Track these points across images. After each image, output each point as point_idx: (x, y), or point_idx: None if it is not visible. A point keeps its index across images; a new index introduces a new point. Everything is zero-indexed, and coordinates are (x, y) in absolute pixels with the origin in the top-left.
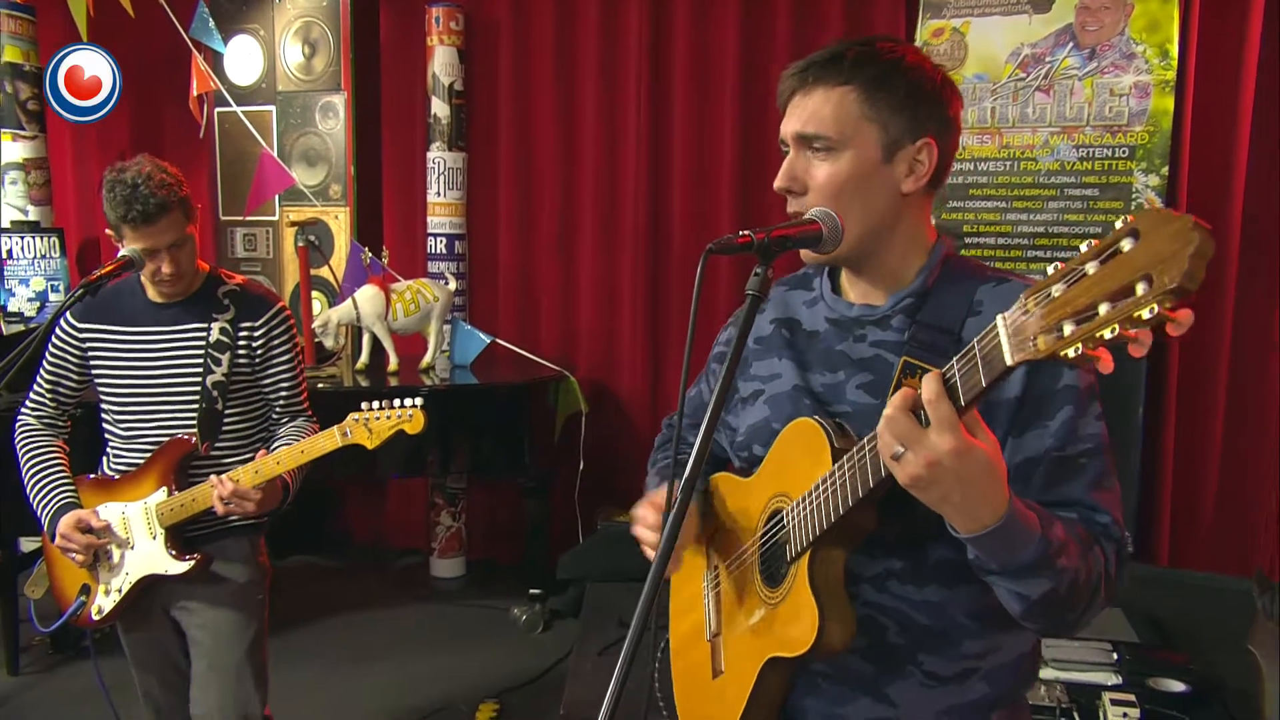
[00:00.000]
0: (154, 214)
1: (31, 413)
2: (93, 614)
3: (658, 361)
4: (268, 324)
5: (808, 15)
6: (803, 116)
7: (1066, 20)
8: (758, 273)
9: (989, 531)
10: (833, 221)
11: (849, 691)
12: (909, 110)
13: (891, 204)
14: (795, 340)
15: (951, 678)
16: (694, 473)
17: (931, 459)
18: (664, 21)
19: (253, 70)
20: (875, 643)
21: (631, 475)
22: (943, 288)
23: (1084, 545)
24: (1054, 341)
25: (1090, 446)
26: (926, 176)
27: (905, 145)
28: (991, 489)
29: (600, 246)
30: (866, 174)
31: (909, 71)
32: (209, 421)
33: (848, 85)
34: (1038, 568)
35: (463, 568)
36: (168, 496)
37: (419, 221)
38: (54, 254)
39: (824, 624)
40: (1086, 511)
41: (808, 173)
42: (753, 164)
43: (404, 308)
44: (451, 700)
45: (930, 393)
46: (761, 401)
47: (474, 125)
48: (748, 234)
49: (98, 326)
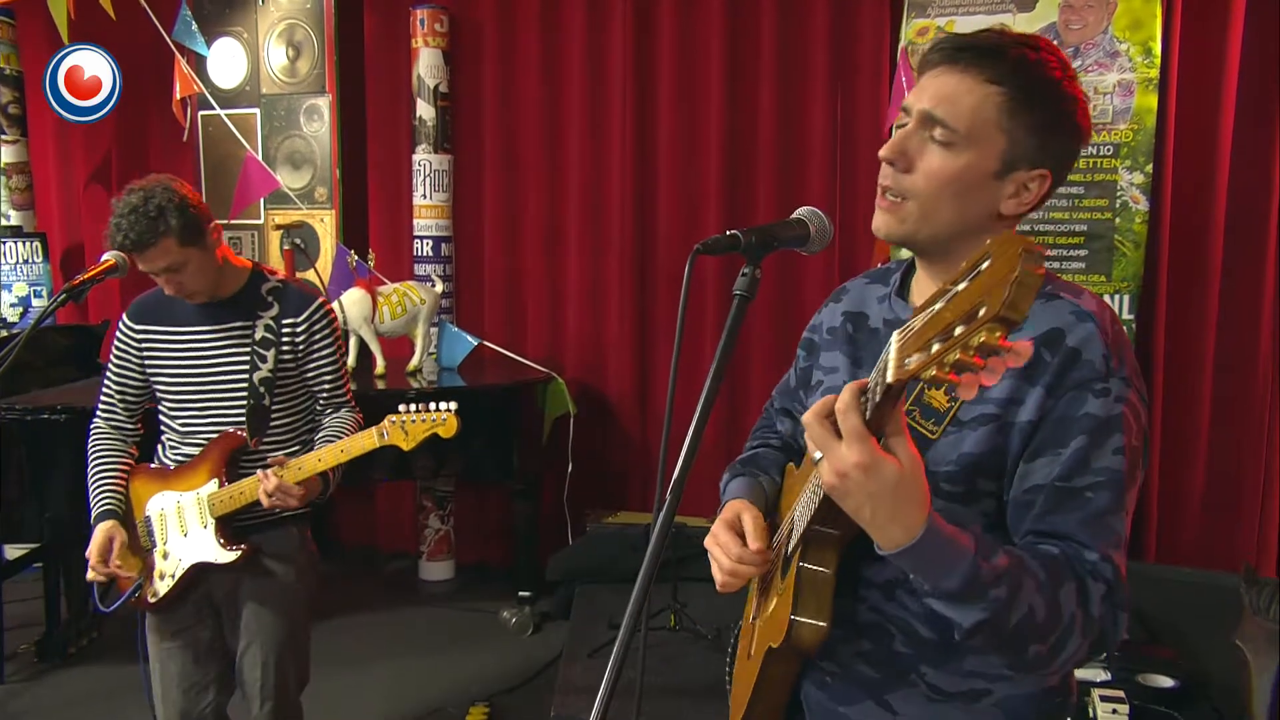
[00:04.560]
0: (137, 245)
1: (102, 416)
2: (149, 597)
3: (645, 363)
4: (309, 319)
5: (792, 14)
6: (938, 95)
7: (1050, 19)
8: (745, 273)
9: (903, 550)
10: (821, 222)
11: (855, 692)
12: (1042, 136)
13: (985, 219)
14: (856, 335)
15: (957, 695)
16: (681, 475)
17: (840, 469)
18: (649, 22)
19: (236, 73)
20: (881, 649)
21: (620, 477)
22: None
23: (1051, 582)
24: (919, 362)
25: (1099, 480)
26: (1030, 205)
27: (1022, 168)
28: (903, 508)
29: (587, 248)
30: (975, 181)
31: (1060, 99)
32: (257, 416)
33: (997, 85)
34: (965, 596)
35: (452, 570)
36: (219, 488)
37: (405, 224)
38: (37, 259)
39: (794, 620)
40: (1075, 547)
41: (919, 152)
42: (739, 165)
43: (390, 310)
44: (441, 703)
45: (841, 403)
46: (820, 393)
47: (459, 127)
48: (735, 234)
49: (152, 327)
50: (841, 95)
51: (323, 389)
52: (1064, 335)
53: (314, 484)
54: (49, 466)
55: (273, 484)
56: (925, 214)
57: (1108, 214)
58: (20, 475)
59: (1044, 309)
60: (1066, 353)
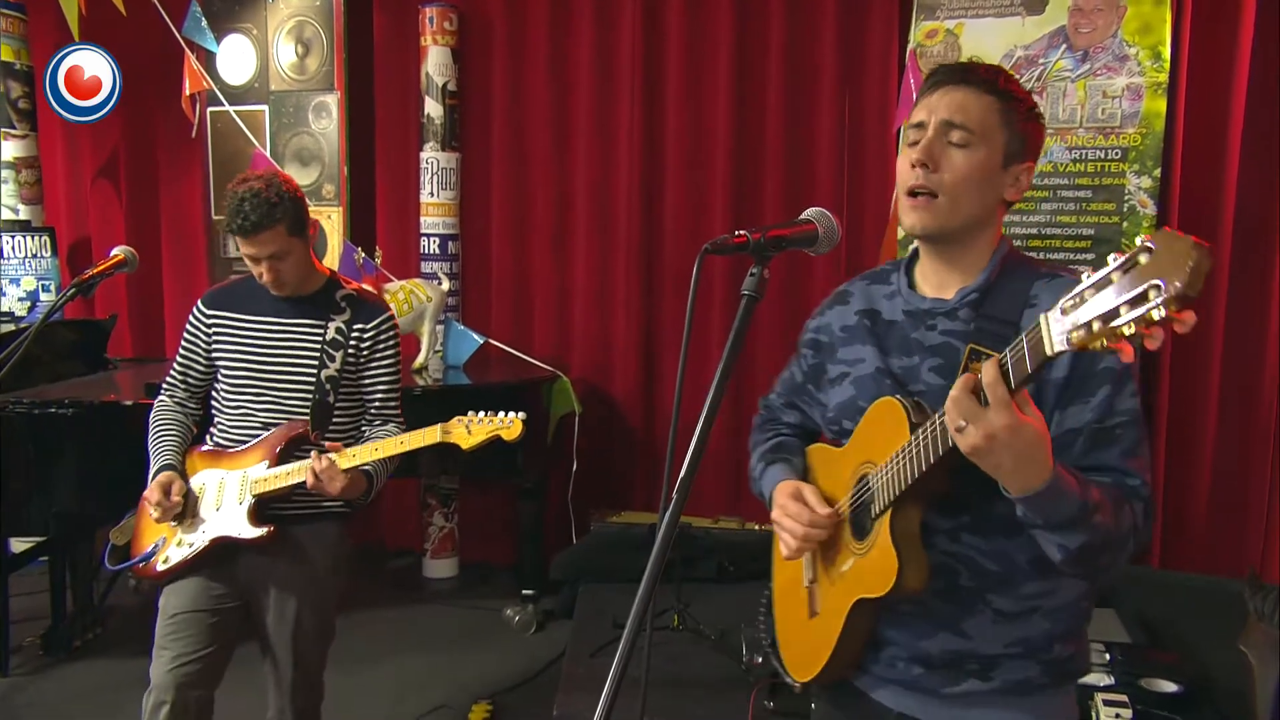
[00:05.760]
0: (252, 229)
1: (166, 394)
2: (159, 564)
3: (651, 362)
4: (377, 328)
5: (801, 14)
6: (952, 106)
7: (1060, 22)
8: (753, 273)
9: (1035, 493)
10: (829, 223)
11: (930, 627)
12: (1027, 137)
13: (994, 204)
14: (876, 328)
15: (1018, 614)
16: (688, 475)
17: (989, 432)
18: (657, 21)
19: (246, 70)
20: (950, 585)
21: (625, 476)
22: (1002, 283)
23: (1116, 505)
24: (1085, 336)
25: (1125, 419)
26: (1023, 191)
27: (1017, 161)
28: (1038, 458)
29: (594, 247)
30: (989, 172)
31: (1034, 113)
32: (321, 412)
33: (992, 96)
34: (1075, 523)
35: (456, 568)
36: (266, 469)
37: (412, 222)
38: (45, 253)
39: (902, 569)
40: (1119, 475)
41: (943, 154)
42: (747, 163)
43: (397, 308)
44: (444, 701)
45: (989, 377)
46: (848, 383)
47: (467, 125)
48: (744, 234)
49: (225, 314)
50: (850, 96)
51: (375, 398)
52: None
53: (359, 482)
54: (55, 461)
55: (325, 464)
56: (954, 206)
57: (1115, 218)
58: (27, 469)
59: (1049, 287)
60: None
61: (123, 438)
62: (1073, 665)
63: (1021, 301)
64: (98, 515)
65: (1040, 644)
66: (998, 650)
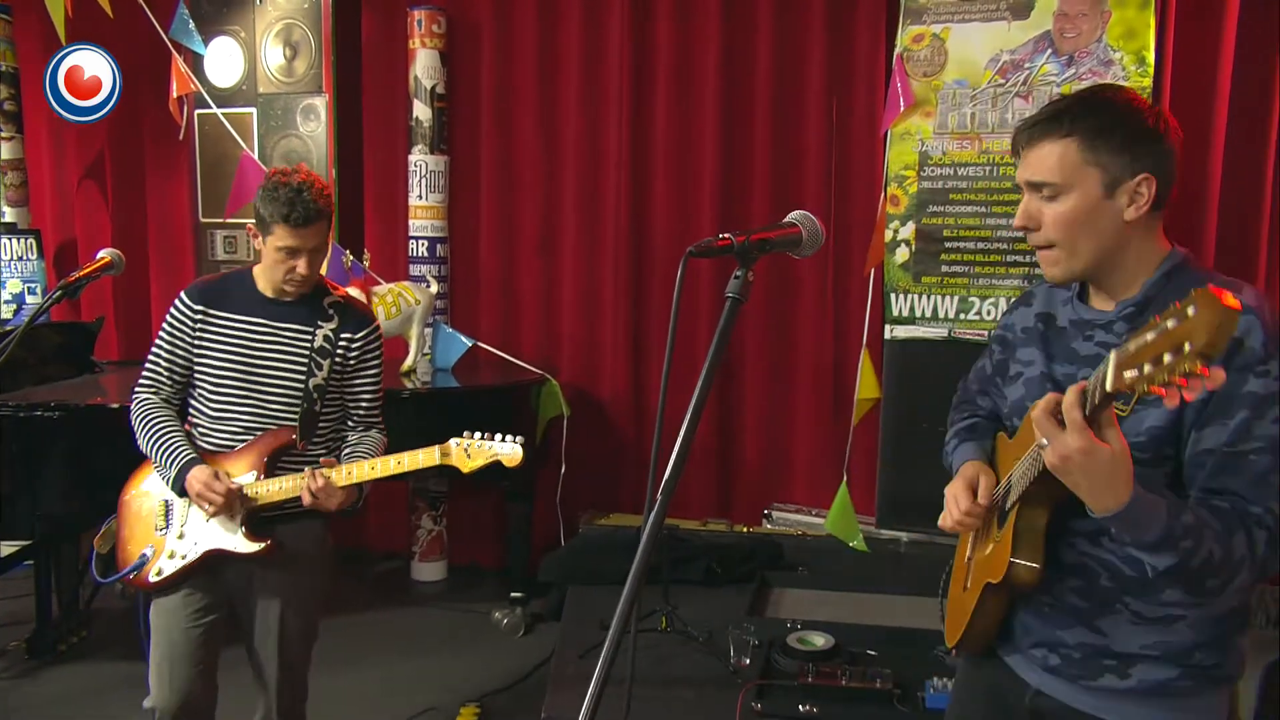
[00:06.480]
0: (311, 219)
1: (147, 389)
2: (150, 575)
3: (639, 365)
4: (365, 338)
5: (789, 20)
6: (1031, 166)
7: (1045, 27)
8: (738, 275)
9: (1113, 515)
10: (812, 225)
11: (1067, 619)
12: (1127, 152)
13: (1117, 231)
14: (1048, 333)
15: (1157, 620)
16: (673, 476)
17: (1063, 454)
18: (646, 25)
19: (233, 72)
20: (1089, 585)
21: (613, 479)
22: (1163, 298)
23: (1225, 531)
24: (1134, 378)
25: (1260, 445)
26: (1146, 206)
27: (1125, 181)
28: (1114, 482)
29: (582, 250)
30: (1091, 210)
31: (1127, 117)
32: (308, 421)
33: (1070, 137)
34: (1161, 546)
35: (444, 571)
36: (255, 480)
37: (400, 224)
38: (31, 256)
39: (1012, 563)
40: (1241, 501)
41: (1040, 213)
42: (735, 167)
43: (385, 311)
44: (433, 704)
45: (1068, 401)
46: (1020, 382)
47: (456, 128)
48: (728, 237)
49: (211, 310)
50: (837, 101)
51: (359, 407)
52: None
53: (351, 492)
54: (42, 464)
55: (320, 483)
56: (1071, 252)
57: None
58: (13, 472)
59: None
60: (1231, 342)
61: (109, 441)
62: (1218, 672)
63: None
64: (83, 518)
65: (1181, 650)
66: (1134, 650)
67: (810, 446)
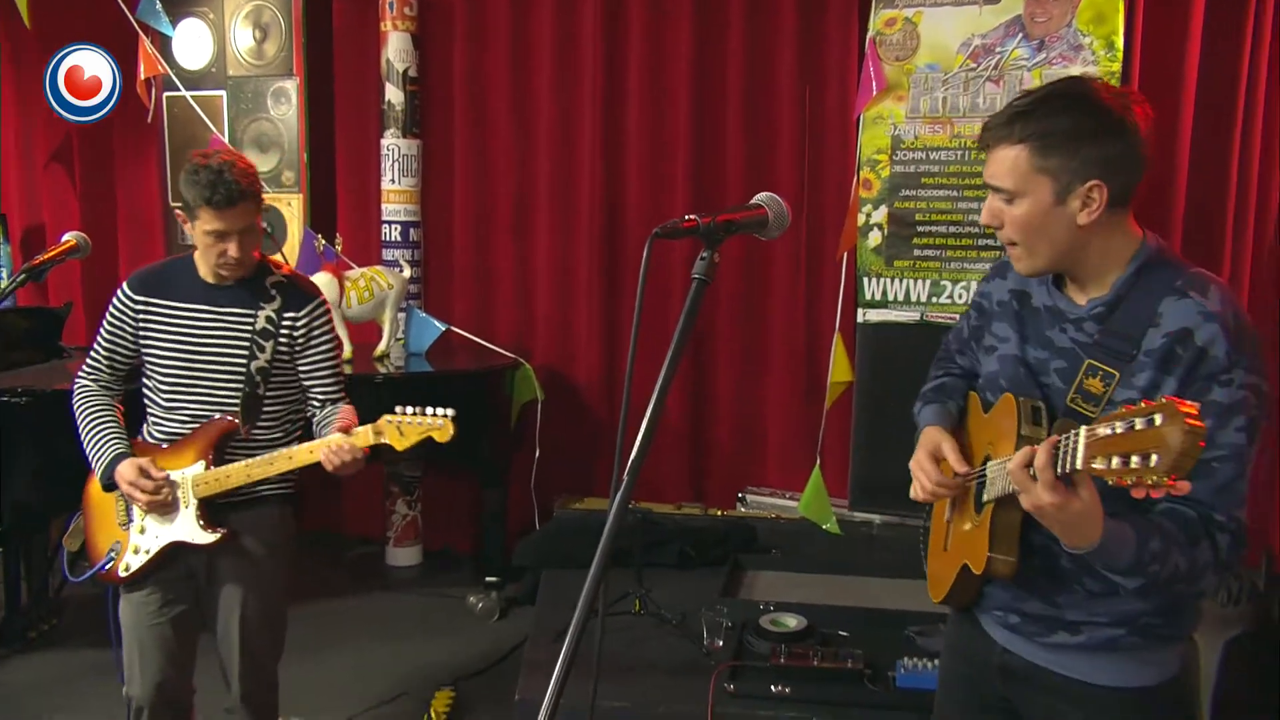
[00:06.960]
0: (235, 199)
1: (88, 377)
2: (120, 571)
3: (613, 348)
4: (309, 315)
5: (761, 3)
6: (990, 168)
7: (1016, 11)
8: (704, 257)
9: (1085, 551)
10: (779, 207)
11: (1025, 594)
12: (1077, 158)
13: (1071, 235)
14: (1022, 313)
15: (1109, 594)
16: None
17: (1036, 505)
18: (619, 7)
19: (202, 54)
20: (1051, 565)
21: (587, 463)
22: (1134, 297)
23: (1189, 543)
24: (1103, 469)
25: (1224, 454)
26: (1099, 211)
27: (1076, 187)
28: (1085, 528)
29: (556, 234)
30: (1044, 215)
31: (1080, 121)
32: (251, 405)
33: (1020, 144)
34: (1131, 571)
35: (419, 556)
36: (204, 470)
37: (373, 208)
38: None
39: (991, 558)
40: (1205, 509)
41: (1001, 211)
42: (707, 150)
43: (358, 295)
44: (408, 688)
45: (1039, 461)
46: (994, 357)
47: (428, 111)
48: (693, 218)
49: (152, 300)
50: (810, 84)
51: (323, 384)
52: (1193, 334)
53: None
54: (10, 451)
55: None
56: (1031, 250)
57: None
58: None
59: (1175, 308)
60: (1195, 351)
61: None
62: (1165, 630)
63: (1146, 320)
64: (52, 506)
65: (1128, 616)
66: (1083, 618)
67: (783, 430)
